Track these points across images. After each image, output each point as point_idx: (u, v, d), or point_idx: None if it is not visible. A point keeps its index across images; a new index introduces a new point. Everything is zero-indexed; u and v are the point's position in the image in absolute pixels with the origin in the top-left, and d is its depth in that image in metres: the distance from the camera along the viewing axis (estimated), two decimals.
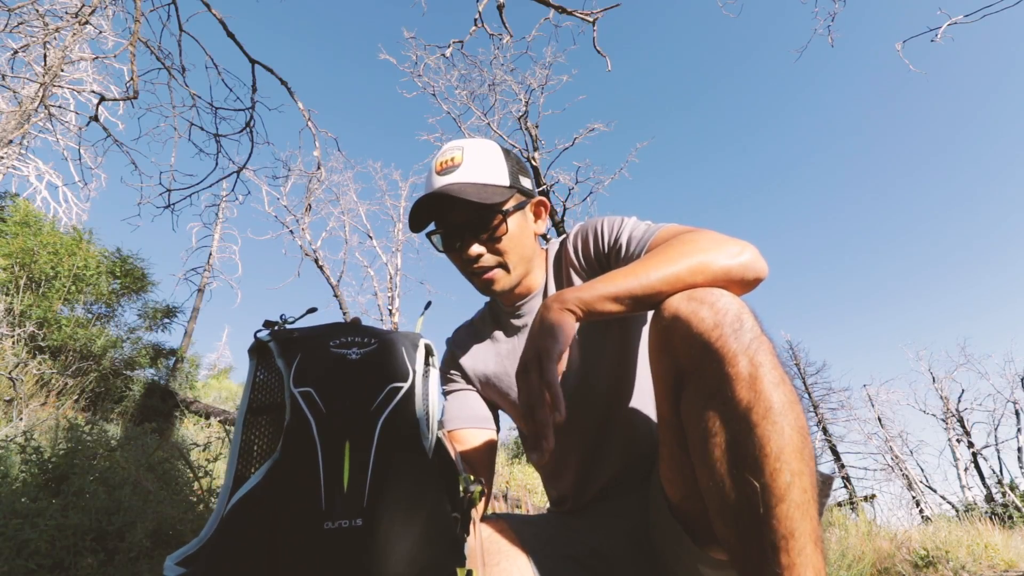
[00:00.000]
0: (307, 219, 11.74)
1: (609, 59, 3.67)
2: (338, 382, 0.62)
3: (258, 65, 3.60)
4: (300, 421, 0.58)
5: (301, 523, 0.53)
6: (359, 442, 0.57)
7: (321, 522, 0.52)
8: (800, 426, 0.56)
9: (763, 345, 0.59)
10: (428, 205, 0.90)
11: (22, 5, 3.48)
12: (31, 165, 8.51)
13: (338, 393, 0.61)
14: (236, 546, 0.53)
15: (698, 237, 0.73)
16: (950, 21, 3.24)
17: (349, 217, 13.02)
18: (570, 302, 0.69)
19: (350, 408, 0.60)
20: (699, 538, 0.71)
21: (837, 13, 4.07)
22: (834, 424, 16.28)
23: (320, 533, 0.52)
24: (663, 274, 0.68)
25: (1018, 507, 10.81)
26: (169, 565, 0.55)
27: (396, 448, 0.60)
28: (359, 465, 0.56)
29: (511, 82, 10.60)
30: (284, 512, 0.54)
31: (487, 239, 0.91)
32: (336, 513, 0.53)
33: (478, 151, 0.92)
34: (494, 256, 0.92)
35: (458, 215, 0.91)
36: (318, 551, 0.52)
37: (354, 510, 0.54)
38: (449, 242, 0.94)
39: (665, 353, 0.66)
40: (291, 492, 0.55)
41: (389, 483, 0.57)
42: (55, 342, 5.11)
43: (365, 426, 0.59)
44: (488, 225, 0.90)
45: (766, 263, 0.72)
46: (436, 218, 0.94)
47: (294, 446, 0.57)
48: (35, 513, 1.42)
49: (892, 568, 3.37)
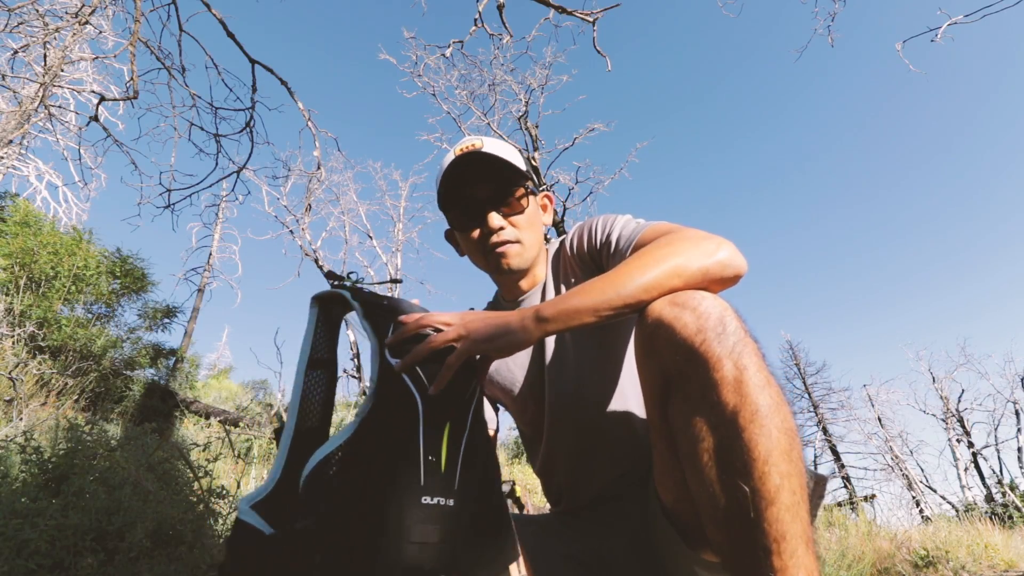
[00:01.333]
0: (307, 219, 11.74)
1: (609, 59, 3.67)
2: (438, 364, 0.63)
3: (258, 65, 3.60)
4: (404, 396, 0.59)
5: (402, 494, 0.55)
6: (456, 426, 0.60)
7: (420, 496, 0.55)
8: (788, 428, 0.56)
9: (748, 347, 0.59)
10: (453, 176, 0.93)
11: (22, 5, 3.48)
12: (31, 165, 8.51)
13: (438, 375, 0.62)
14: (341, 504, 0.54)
15: (674, 238, 0.73)
16: (950, 21, 3.23)
17: (349, 217, 13.03)
18: (549, 320, 0.69)
19: (451, 392, 0.62)
20: (692, 541, 0.71)
21: (837, 13, 4.07)
22: (834, 424, 16.30)
23: (419, 506, 0.55)
24: (640, 282, 0.68)
25: (1018, 507, 10.80)
26: (244, 508, 0.56)
27: (481, 436, 0.63)
28: (454, 448, 0.59)
29: (511, 82, 10.60)
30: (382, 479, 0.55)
31: (508, 213, 0.95)
32: (434, 490, 0.56)
33: (496, 141, 0.96)
34: (514, 230, 0.95)
35: (482, 190, 0.94)
36: (418, 523, 0.54)
37: (447, 490, 0.57)
38: (471, 216, 0.96)
39: (651, 359, 0.67)
40: (390, 462, 0.56)
41: (475, 468, 0.60)
42: (55, 342, 5.11)
43: (462, 412, 0.62)
44: (510, 198, 0.94)
45: (744, 258, 0.72)
46: (458, 195, 0.96)
47: (395, 419, 0.58)
48: (35, 513, 1.42)
49: (892, 568, 3.37)
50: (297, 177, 10.91)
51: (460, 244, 1.04)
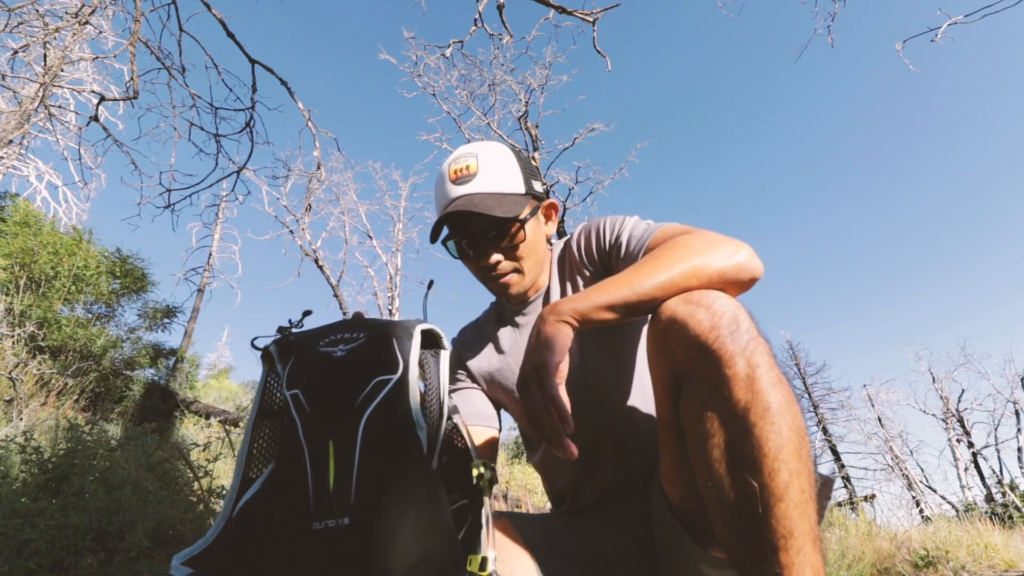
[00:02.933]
0: (307, 219, 11.74)
1: (609, 59, 3.67)
2: (322, 381, 0.62)
3: (258, 65, 3.60)
4: (290, 423, 0.59)
5: (293, 525, 0.53)
6: (343, 440, 0.57)
7: (310, 523, 0.53)
8: (798, 426, 0.56)
9: (760, 346, 0.59)
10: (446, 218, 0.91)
11: (22, 5, 3.48)
12: (31, 165, 8.51)
13: (322, 392, 0.61)
14: (238, 550, 0.54)
15: (692, 239, 0.73)
16: (950, 21, 3.24)
17: (349, 217, 13.03)
18: (565, 313, 0.70)
19: (332, 406, 0.60)
20: (699, 538, 0.71)
21: (837, 13, 4.07)
22: (834, 424, 16.29)
23: (310, 533, 0.52)
24: (657, 280, 0.68)
25: (1018, 507, 10.80)
26: (176, 565, 0.55)
27: (385, 442, 0.59)
28: (344, 463, 0.56)
29: (511, 82, 10.60)
30: (280, 515, 0.54)
31: (505, 247, 0.93)
32: (323, 513, 0.53)
33: (492, 158, 0.93)
34: (511, 263, 0.94)
35: (476, 224, 0.91)
36: (308, 552, 0.52)
37: (341, 509, 0.54)
38: (466, 250, 0.95)
39: (663, 356, 0.67)
40: (285, 495, 0.55)
41: (377, 479, 0.56)
42: (55, 342, 5.11)
43: (348, 423, 0.59)
44: (506, 234, 0.92)
45: (761, 262, 0.72)
46: (453, 227, 0.94)
47: (286, 449, 0.58)
48: (35, 513, 1.42)
49: (892, 568, 3.37)
50: (297, 177, 10.93)
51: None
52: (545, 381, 0.64)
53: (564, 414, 0.63)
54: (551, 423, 0.63)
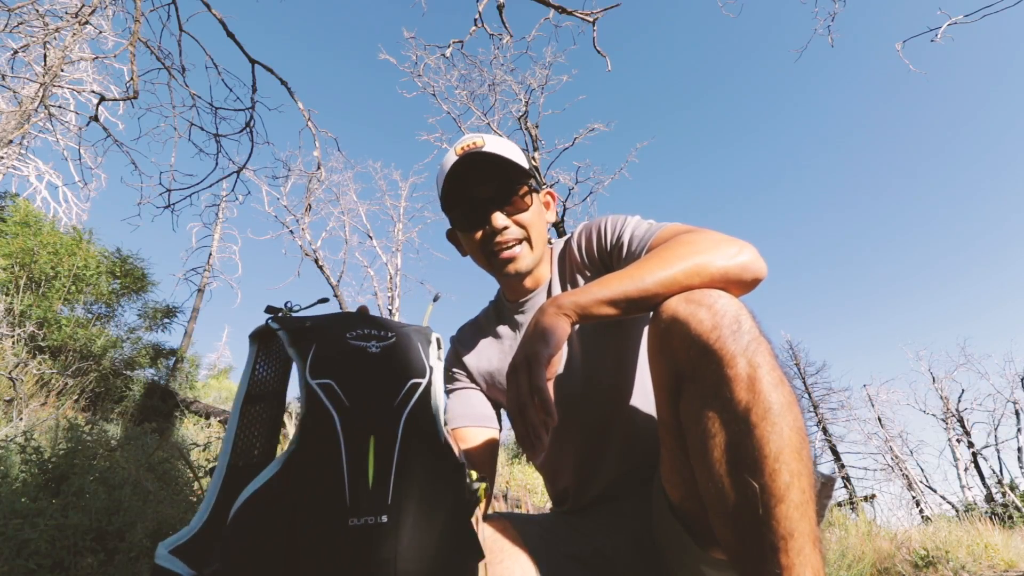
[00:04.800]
0: (307, 219, 11.74)
1: (609, 59, 3.67)
2: (361, 376, 0.61)
3: (258, 65, 3.59)
4: (321, 414, 0.56)
5: (325, 520, 0.52)
6: (384, 438, 0.57)
7: (346, 518, 0.52)
8: (799, 427, 0.56)
9: (761, 346, 0.59)
10: (455, 177, 0.92)
11: (22, 5, 3.48)
12: (31, 165, 8.51)
13: (361, 387, 0.60)
14: (256, 542, 0.52)
15: (696, 238, 0.73)
16: (950, 21, 3.24)
17: (349, 217, 13.03)
18: (566, 306, 0.70)
19: (374, 403, 0.59)
20: (700, 538, 0.71)
21: (837, 13, 4.07)
22: (834, 424, 16.30)
23: (345, 530, 0.52)
24: (659, 277, 0.68)
25: (1018, 507, 10.81)
26: (164, 554, 0.53)
27: (418, 444, 0.59)
28: (384, 461, 0.56)
29: (511, 82, 10.61)
30: (306, 508, 0.53)
31: (513, 212, 0.94)
32: (362, 509, 0.53)
33: (497, 138, 0.95)
34: (519, 229, 0.94)
35: (485, 189, 0.93)
36: (344, 548, 0.51)
37: (379, 507, 0.53)
38: (474, 216, 0.94)
39: (664, 355, 0.66)
40: (313, 488, 0.54)
41: (413, 479, 0.57)
42: (55, 342, 5.10)
43: (390, 421, 0.58)
44: (514, 197, 0.93)
45: (765, 263, 0.72)
46: (460, 196, 0.95)
47: (315, 440, 0.55)
48: (35, 513, 1.42)
49: (892, 568, 3.37)
50: (297, 177, 10.94)
51: (463, 244, 1.02)
52: (534, 371, 0.64)
53: (548, 406, 0.63)
54: (533, 413, 0.63)
